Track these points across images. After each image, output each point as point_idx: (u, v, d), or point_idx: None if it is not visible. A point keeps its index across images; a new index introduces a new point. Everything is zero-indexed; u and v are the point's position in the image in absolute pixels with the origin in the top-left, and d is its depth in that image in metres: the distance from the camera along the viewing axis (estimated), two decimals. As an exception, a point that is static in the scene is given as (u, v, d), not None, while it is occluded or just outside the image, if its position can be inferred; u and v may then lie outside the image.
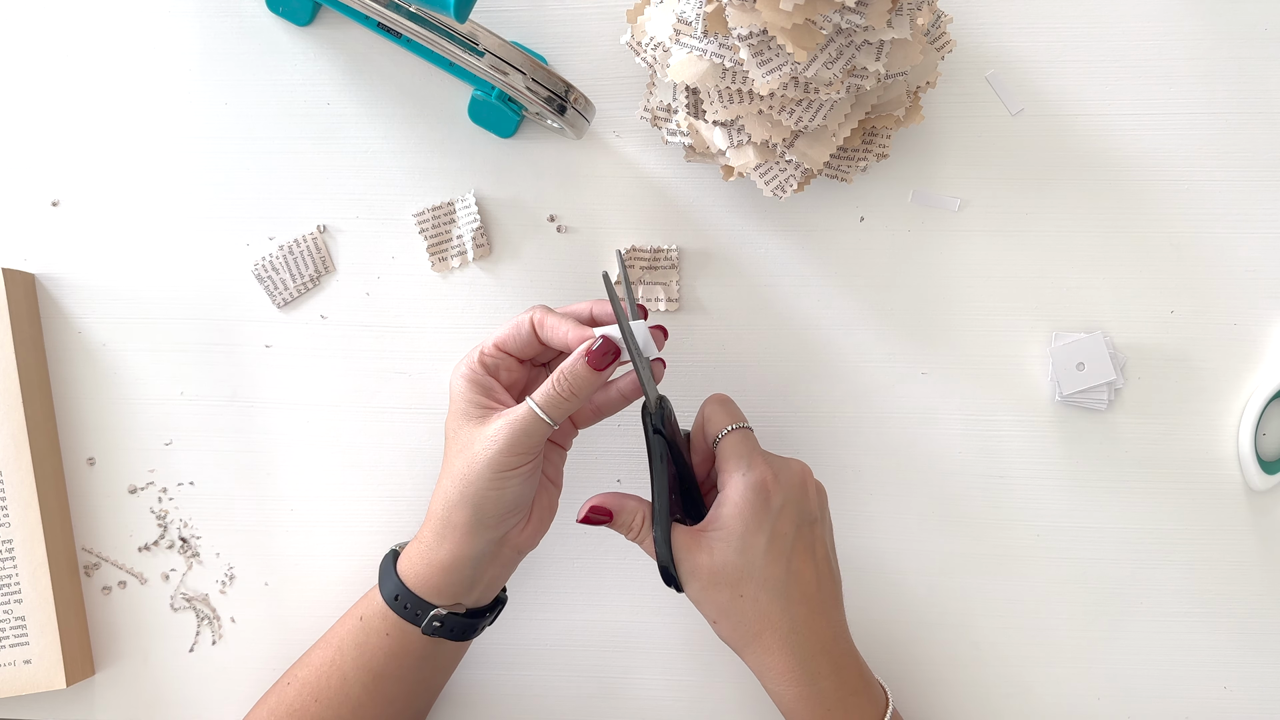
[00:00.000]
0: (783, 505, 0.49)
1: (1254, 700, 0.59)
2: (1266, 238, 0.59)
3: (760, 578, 0.49)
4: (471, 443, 0.50)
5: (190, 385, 0.61)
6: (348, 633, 0.53)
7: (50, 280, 0.61)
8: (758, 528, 0.49)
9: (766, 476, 0.49)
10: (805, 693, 0.49)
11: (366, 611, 0.53)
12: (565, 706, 0.61)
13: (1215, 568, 0.60)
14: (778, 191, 0.55)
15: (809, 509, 0.50)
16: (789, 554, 0.49)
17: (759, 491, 0.49)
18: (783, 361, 0.60)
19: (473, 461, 0.49)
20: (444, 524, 0.50)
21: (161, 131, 0.61)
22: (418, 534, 0.53)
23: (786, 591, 0.49)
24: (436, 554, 0.51)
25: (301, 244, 0.61)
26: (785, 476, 0.50)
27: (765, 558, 0.49)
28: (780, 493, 0.49)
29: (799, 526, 0.50)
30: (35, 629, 0.57)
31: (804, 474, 0.51)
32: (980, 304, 0.60)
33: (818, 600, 0.50)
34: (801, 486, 0.50)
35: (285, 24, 0.61)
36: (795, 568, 0.49)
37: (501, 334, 0.52)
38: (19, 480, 0.57)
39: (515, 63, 0.54)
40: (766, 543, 0.49)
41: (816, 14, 0.47)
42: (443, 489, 0.51)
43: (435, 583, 0.51)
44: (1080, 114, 0.60)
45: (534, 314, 0.51)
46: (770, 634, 0.49)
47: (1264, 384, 0.59)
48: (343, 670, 0.52)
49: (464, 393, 0.51)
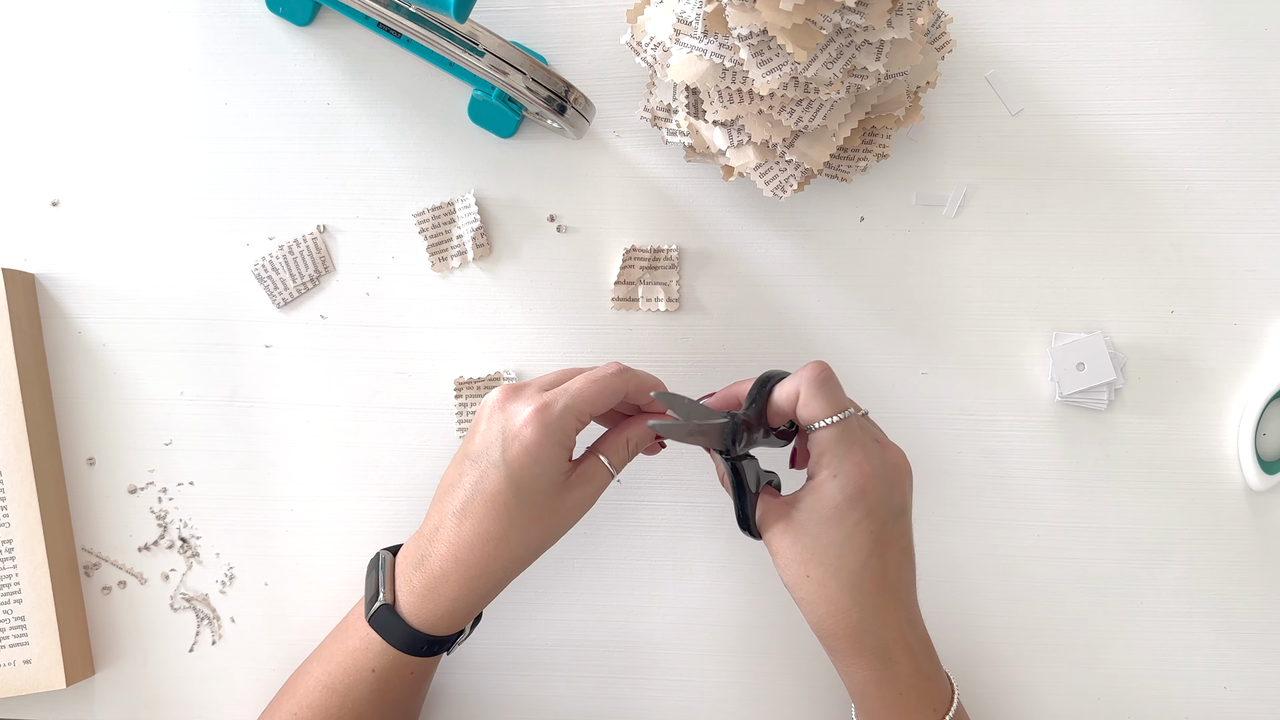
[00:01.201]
0: (872, 507, 0.48)
1: (1254, 700, 0.59)
2: (1266, 238, 0.59)
3: (833, 567, 0.48)
4: (556, 511, 0.50)
5: (190, 385, 0.61)
6: (356, 684, 0.51)
7: (50, 280, 0.61)
8: (839, 519, 0.48)
9: (863, 482, 0.48)
10: (877, 676, 0.49)
11: (380, 665, 0.51)
12: (565, 706, 0.61)
13: (1215, 568, 0.59)
14: (778, 191, 0.55)
15: (899, 503, 0.49)
16: (869, 549, 0.48)
17: (851, 497, 0.47)
18: (783, 362, 0.60)
19: (555, 528, 0.51)
20: (500, 582, 0.51)
21: (161, 131, 0.61)
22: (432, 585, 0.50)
23: (859, 584, 0.48)
24: (480, 605, 0.51)
25: (301, 244, 0.61)
26: (882, 477, 0.48)
27: (841, 550, 0.48)
28: (873, 495, 0.48)
29: (885, 523, 0.48)
30: (35, 629, 0.57)
31: (900, 469, 0.50)
32: (980, 304, 0.60)
33: (892, 589, 0.49)
34: (897, 484, 0.49)
35: (285, 24, 0.61)
36: (873, 563, 0.48)
37: (596, 398, 0.50)
38: (19, 480, 0.57)
39: (515, 63, 0.54)
40: (846, 537, 0.48)
41: (816, 14, 0.47)
42: (509, 553, 0.50)
43: (458, 620, 0.51)
44: (1080, 114, 0.60)
45: (629, 382, 0.51)
46: (837, 620, 0.48)
47: (1264, 384, 0.59)
48: (357, 713, 0.52)
49: (555, 460, 0.49)
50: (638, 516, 0.60)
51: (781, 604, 0.60)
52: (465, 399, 0.61)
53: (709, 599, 0.60)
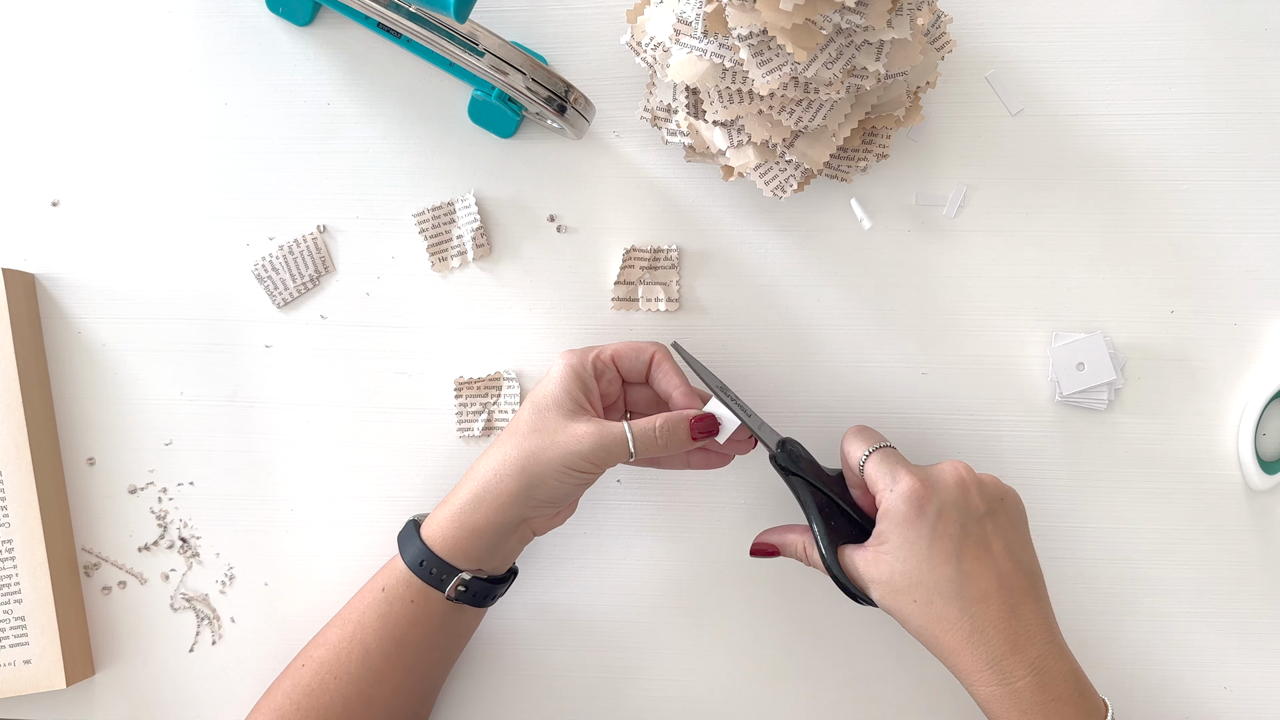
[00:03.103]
0: (940, 509, 0.49)
1: (1254, 700, 0.59)
2: (1266, 238, 0.59)
3: (930, 583, 0.49)
4: (556, 430, 0.51)
5: (190, 385, 0.61)
6: (369, 606, 0.53)
7: (50, 280, 0.61)
8: (915, 535, 0.49)
9: (914, 485, 0.49)
10: (1000, 693, 0.48)
11: (389, 582, 0.53)
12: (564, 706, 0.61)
13: (1215, 568, 0.59)
14: (778, 191, 0.55)
15: (972, 506, 0.50)
16: (957, 554, 0.49)
17: (910, 501, 0.49)
18: (783, 361, 0.60)
19: (549, 446, 0.51)
20: (487, 488, 0.52)
21: (161, 131, 0.61)
22: (447, 497, 0.53)
23: (961, 593, 0.48)
24: (471, 517, 0.52)
25: (301, 244, 0.61)
26: (936, 480, 0.50)
27: (930, 562, 0.49)
28: (934, 497, 0.49)
29: (964, 525, 0.49)
30: (35, 629, 0.57)
31: (958, 473, 0.50)
32: (980, 304, 0.60)
33: (1001, 597, 0.48)
34: (957, 486, 0.50)
35: (285, 24, 0.61)
36: (968, 568, 0.49)
37: (620, 349, 0.54)
38: (19, 480, 0.57)
39: (515, 63, 0.54)
40: (928, 547, 0.49)
41: (816, 14, 0.47)
42: (502, 456, 0.52)
43: (463, 546, 0.52)
44: (1080, 114, 0.60)
45: (657, 351, 0.55)
46: (951, 636, 0.49)
47: (1264, 384, 0.59)
48: (364, 643, 0.53)
49: (566, 381, 0.53)
50: (638, 516, 0.60)
51: (781, 604, 0.60)
52: (465, 399, 0.61)
53: (709, 599, 0.60)
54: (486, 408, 0.60)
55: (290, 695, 0.53)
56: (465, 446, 0.61)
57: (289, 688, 0.53)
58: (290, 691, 0.53)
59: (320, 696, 0.52)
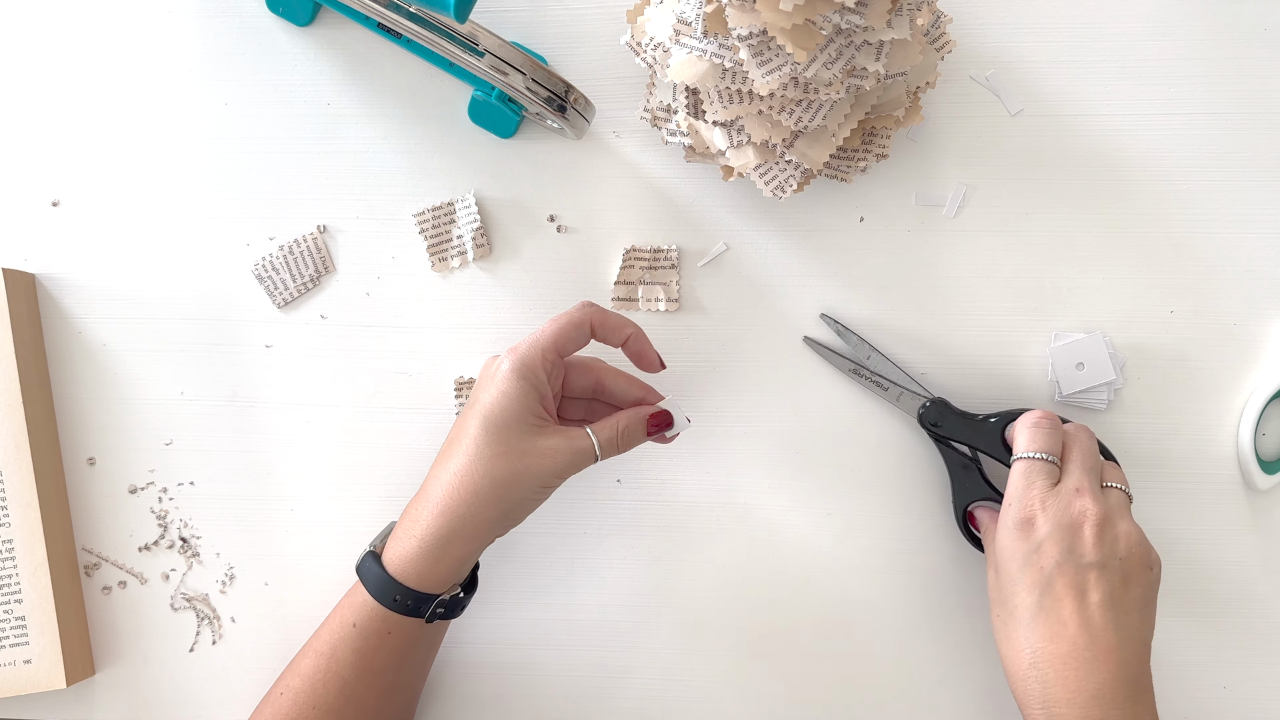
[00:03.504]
0: (1045, 539, 0.49)
1: (1254, 700, 0.59)
2: (1266, 238, 0.59)
3: (1010, 604, 0.50)
4: (524, 453, 0.50)
5: (190, 385, 0.61)
6: (341, 640, 0.52)
7: (50, 280, 0.61)
8: (1013, 554, 0.50)
9: (1031, 514, 0.50)
10: None
11: (360, 618, 0.51)
12: (564, 706, 0.61)
13: (1215, 568, 0.59)
14: (778, 191, 0.55)
15: (1081, 550, 0.49)
16: (1043, 586, 0.49)
17: (1020, 529, 0.50)
18: (783, 361, 0.60)
19: (523, 471, 0.49)
20: (464, 521, 0.50)
21: (161, 131, 0.61)
22: (408, 528, 0.51)
23: (1033, 624, 0.48)
24: (447, 549, 0.50)
25: (301, 244, 0.61)
26: (1055, 512, 0.49)
27: (1015, 584, 0.49)
28: (1044, 526, 0.49)
29: (1061, 564, 0.49)
30: (35, 629, 0.57)
31: (1082, 515, 0.49)
32: (980, 304, 0.60)
33: (1074, 650, 0.47)
34: (1074, 526, 0.49)
35: (285, 24, 0.61)
36: (1048, 604, 0.48)
37: (559, 333, 0.51)
38: (19, 480, 0.57)
39: (515, 63, 0.54)
40: (1019, 569, 0.49)
41: (816, 14, 0.47)
42: (471, 485, 0.49)
43: (441, 575, 0.51)
44: (1080, 114, 0.60)
45: (592, 314, 0.52)
46: (1014, 659, 0.49)
47: (1264, 384, 0.59)
48: (341, 677, 0.52)
49: (522, 395, 0.50)
50: (638, 516, 0.60)
51: (781, 603, 0.60)
52: (465, 399, 0.61)
53: (709, 598, 0.60)
54: (486, 408, 0.60)
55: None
56: (465, 446, 0.61)
57: (269, 715, 0.53)
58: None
59: None
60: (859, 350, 0.59)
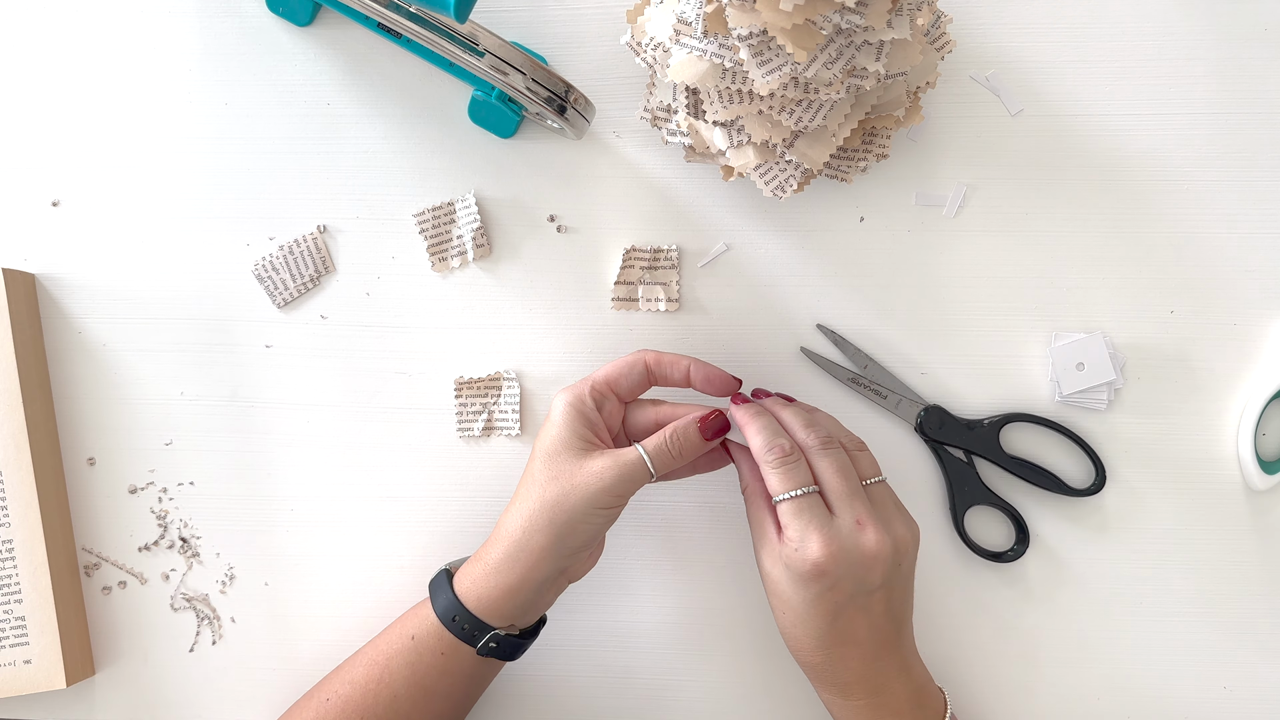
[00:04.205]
0: (834, 584, 0.48)
1: (1254, 700, 0.59)
2: (1266, 238, 0.59)
3: (800, 617, 0.50)
4: (572, 474, 0.50)
5: (190, 385, 0.61)
6: (397, 652, 0.52)
7: (50, 280, 0.61)
8: (802, 588, 0.49)
9: (820, 564, 0.48)
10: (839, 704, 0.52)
11: (419, 631, 0.52)
12: (565, 706, 0.61)
13: (1215, 568, 0.59)
14: (778, 191, 0.55)
15: (868, 582, 0.49)
16: (832, 615, 0.49)
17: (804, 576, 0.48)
18: (783, 361, 0.60)
19: (571, 491, 0.50)
20: (519, 546, 0.51)
21: (161, 131, 0.61)
22: (479, 554, 0.52)
23: (822, 637, 0.49)
24: (505, 577, 0.51)
25: (301, 244, 0.61)
26: (847, 559, 0.48)
27: (806, 610, 0.49)
28: (833, 574, 0.48)
29: (853, 596, 0.49)
30: (35, 629, 0.57)
31: (874, 555, 0.49)
32: (980, 304, 0.60)
33: (863, 644, 0.50)
34: (865, 564, 0.48)
35: (285, 24, 0.61)
36: (840, 625, 0.49)
37: (612, 371, 0.53)
38: (19, 480, 0.57)
39: (515, 63, 0.54)
40: (808, 603, 0.49)
41: (816, 14, 0.47)
42: (527, 511, 0.51)
43: (499, 606, 0.51)
44: (1080, 114, 0.60)
45: (646, 355, 0.53)
46: (803, 654, 0.51)
47: (1264, 384, 0.59)
48: (393, 689, 0.52)
49: (570, 420, 0.51)
50: (637, 516, 0.60)
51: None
52: (465, 399, 0.61)
53: (710, 599, 0.60)
54: (486, 408, 0.60)
55: None
56: (465, 446, 0.61)
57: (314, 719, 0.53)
58: None
59: None
60: (856, 359, 0.59)
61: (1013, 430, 0.59)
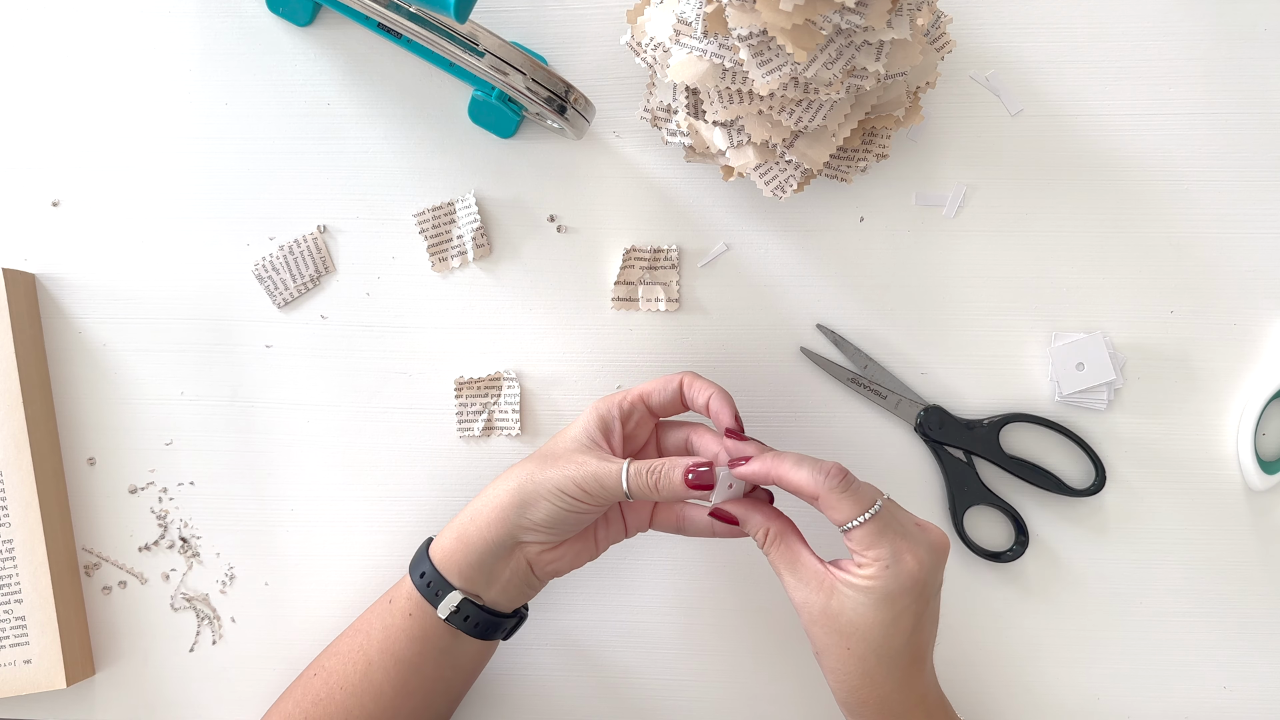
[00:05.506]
0: (922, 590, 0.48)
1: (1254, 700, 0.59)
2: (1266, 238, 0.59)
3: (875, 644, 0.48)
4: (558, 458, 0.52)
5: (190, 385, 0.61)
6: (375, 615, 0.54)
7: (50, 280, 0.61)
8: (889, 607, 0.47)
9: (918, 572, 0.47)
10: None
11: (396, 594, 0.54)
12: (565, 706, 0.61)
13: (1215, 568, 0.60)
14: (778, 191, 0.55)
15: (939, 580, 0.49)
16: (911, 629, 0.48)
17: (906, 587, 0.47)
18: (782, 361, 0.60)
19: (549, 468, 0.51)
20: (484, 502, 0.52)
21: (161, 131, 0.61)
22: (456, 518, 0.54)
23: (897, 659, 0.48)
24: (466, 529, 0.52)
25: (301, 244, 0.61)
26: (932, 561, 0.48)
27: (887, 631, 0.48)
28: (925, 580, 0.48)
29: (930, 602, 0.49)
30: (35, 629, 0.57)
31: (940, 549, 0.49)
32: (980, 304, 0.60)
33: (921, 658, 0.50)
34: (940, 565, 0.49)
35: (285, 24, 0.61)
36: (914, 639, 0.49)
37: (649, 385, 0.54)
38: (19, 480, 0.57)
39: (515, 63, 0.54)
40: (892, 620, 0.48)
41: (816, 14, 0.47)
42: (507, 475, 0.53)
43: (457, 559, 0.52)
44: (1080, 114, 0.60)
45: (685, 376, 0.53)
46: (869, 690, 0.49)
47: (1264, 384, 0.59)
48: (367, 655, 0.53)
49: (587, 422, 0.53)
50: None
51: (780, 603, 0.60)
52: (465, 399, 0.61)
53: (708, 598, 0.60)
54: (486, 408, 0.60)
55: (300, 704, 0.53)
56: (465, 446, 0.61)
57: (299, 696, 0.54)
58: (300, 700, 0.54)
59: (327, 707, 0.53)
60: (856, 359, 0.59)
61: (1012, 430, 0.59)
